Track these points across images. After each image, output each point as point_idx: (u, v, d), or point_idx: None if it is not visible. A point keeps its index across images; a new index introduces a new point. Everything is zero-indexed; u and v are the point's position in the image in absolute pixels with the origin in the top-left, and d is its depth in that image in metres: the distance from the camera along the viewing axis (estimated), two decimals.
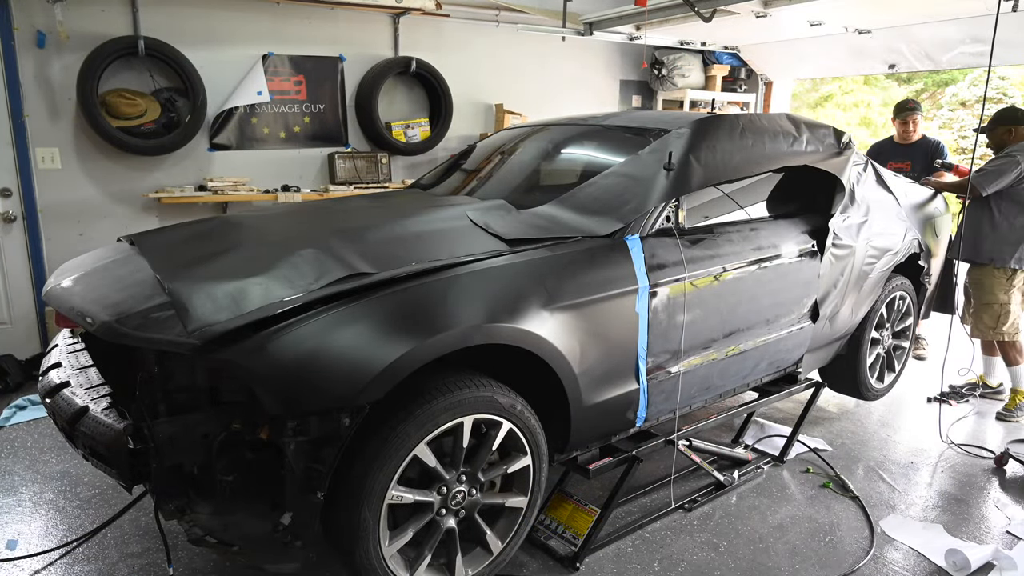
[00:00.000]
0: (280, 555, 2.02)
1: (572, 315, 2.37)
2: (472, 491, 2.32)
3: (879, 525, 2.98)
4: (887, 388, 4.22)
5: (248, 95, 5.04)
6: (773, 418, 4.02)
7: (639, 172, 2.81)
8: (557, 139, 3.56)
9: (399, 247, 2.38)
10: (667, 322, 2.69)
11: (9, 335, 4.59)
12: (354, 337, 1.97)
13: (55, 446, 3.56)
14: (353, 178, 5.46)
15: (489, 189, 3.32)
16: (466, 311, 2.14)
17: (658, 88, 7.02)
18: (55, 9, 4.34)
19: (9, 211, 4.49)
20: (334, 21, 5.38)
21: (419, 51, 5.70)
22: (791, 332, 3.30)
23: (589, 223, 2.64)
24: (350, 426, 1.93)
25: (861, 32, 5.65)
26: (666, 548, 2.79)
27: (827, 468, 3.46)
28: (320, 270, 2.15)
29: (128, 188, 4.85)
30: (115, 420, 2.00)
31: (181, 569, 2.59)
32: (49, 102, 4.52)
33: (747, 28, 5.59)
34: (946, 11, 5.00)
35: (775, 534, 2.91)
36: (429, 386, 2.14)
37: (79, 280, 2.45)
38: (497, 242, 2.47)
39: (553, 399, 2.44)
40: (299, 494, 1.94)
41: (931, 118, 15.33)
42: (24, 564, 2.65)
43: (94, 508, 3.01)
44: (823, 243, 3.34)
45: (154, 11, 4.70)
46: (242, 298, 2.03)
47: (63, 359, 2.43)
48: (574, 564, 2.64)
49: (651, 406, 2.75)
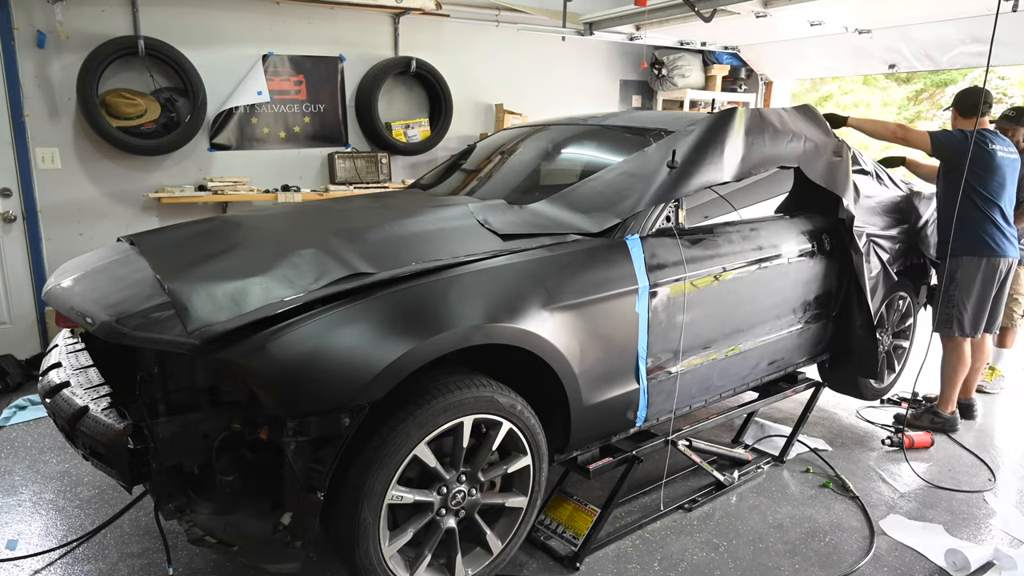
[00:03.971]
0: (280, 555, 2.02)
1: (572, 315, 2.37)
2: (472, 491, 2.32)
3: (879, 525, 2.98)
4: (887, 388, 4.22)
5: (248, 95, 5.04)
6: (773, 418, 4.02)
7: (640, 169, 2.81)
8: (557, 139, 3.56)
9: (399, 247, 2.38)
10: (667, 322, 2.69)
11: (9, 335, 4.59)
12: (354, 337, 1.97)
13: (55, 446, 3.56)
14: (353, 178, 5.46)
15: (489, 189, 3.32)
16: (466, 311, 2.14)
17: (658, 88, 7.02)
18: (55, 9, 4.34)
19: (9, 211, 4.49)
20: (334, 21, 5.39)
21: (419, 51, 5.70)
22: (791, 332, 3.30)
23: (586, 218, 2.64)
24: (350, 426, 1.93)
25: (861, 32, 5.65)
26: (666, 548, 2.79)
27: (827, 468, 3.46)
28: (320, 270, 2.15)
29: (128, 188, 4.85)
30: (115, 420, 1.99)
31: (181, 569, 2.59)
32: (49, 102, 4.52)
33: (747, 28, 5.59)
34: (946, 11, 5.01)
35: (775, 534, 2.91)
36: (429, 386, 2.14)
37: (79, 280, 2.45)
38: (496, 241, 2.47)
39: (553, 399, 2.44)
40: (299, 494, 1.94)
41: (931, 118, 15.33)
42: (24, 564, 2.65)
43: (94, 508, 3.01)
44: (823, 242, 3.34)
45: (154, 11, 4.70)
46: (242, 298, 2.03)
47: (63, 359, 2.43)
48: (574, 564, 2.64)
49: (651, 406, 2.75)
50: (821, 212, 3.44)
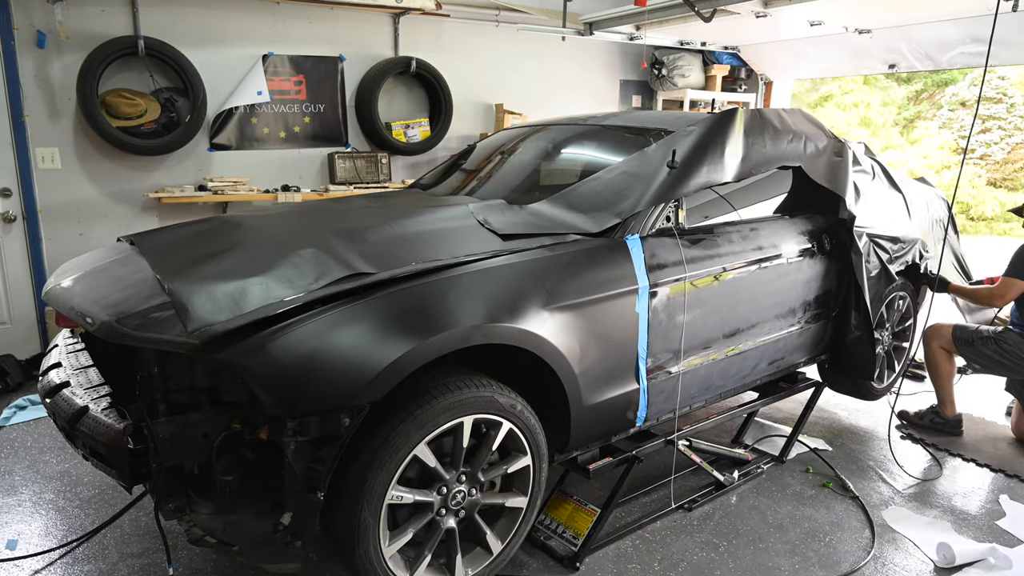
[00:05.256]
0: (280, 555, 2.02)
1: (572, 315, 2.37)
2: (472, 491, 2.32)
3: (880, 515, 2.98)
4: (887, 388, 4.22)
5: (248, 95, 5.04)
6: (773, 418, 4.02)
7: (640, 169, 2.80)
8: (557, 139, 3.56)
9: (399, 247, 2.38)
10: (667, 322, 2.69)
11: (9, 335, 4.59)
12: (354, 337, 1.97)
13: (55, 446, 3.56)
14: (353, 178, 5.46)
15: (489, 189, 3.32)
16: (466, 311, 2.14)
17: (658, 88, 7.02)
18: (55, 9, 4.34)
19: (9, 211, 4.49)
20: (334, 21, 5.39)
21: (419, 51, 5.70)
22: (791, 332, 3.30)
23: (586, 218, 2.64)
24: (350, 426, 1.93)
25: (861, 32, 5.65)
26: (666, 548, 2.79)
27: (827, 468, 3.46)
28: (320, 270, 2.15)
29: (128, 188, 4.85)
30: (115, 420, 2.00)
31: (181, 569, 2.59)
32: (49, 102, 4.52)
33: (747, 28, 5.59)
34: (946, 11, 5.01)
35: (775, 534, 2.91)
36: (429, 386, 2.14)
37: (79, 280, 2.45)
38: (496, 241, 2.47)
39: (553, 399, 2.44)
40: (299, 494, 1.94)
41: (931, 118, 15.34)
42: (24, 564, 2.65)
43: (94, 508, 3.01)
44: (823, 242, 3.34)
45: (154, 11, 4.70)
46: (242, 298, 2.03)
47: (63, 359, 2.43)
48: (574, 564, 2.64)
49: (651, 406, 2.75)
50: (821, 212, 3.44)
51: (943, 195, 4.60)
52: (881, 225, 3.67)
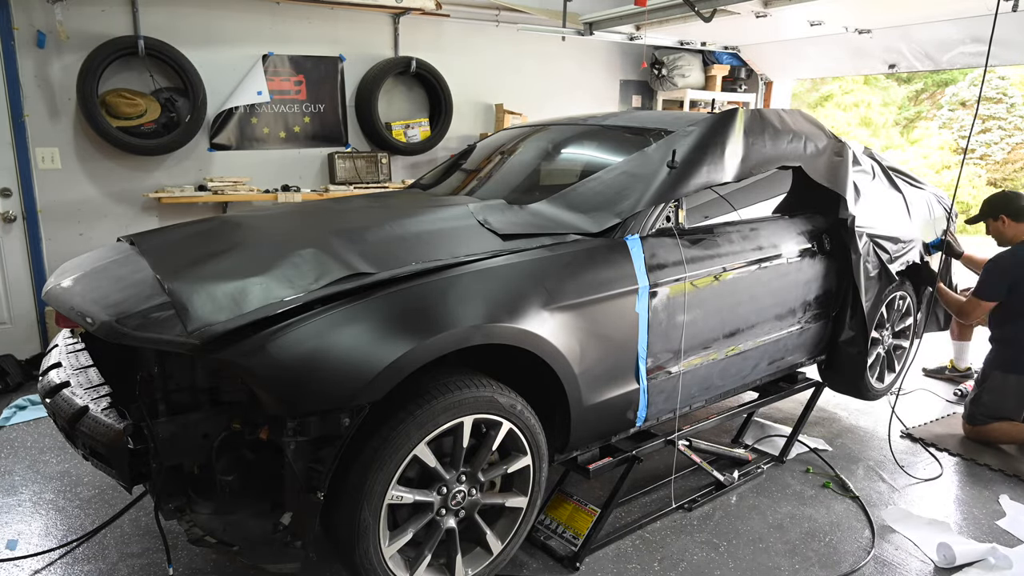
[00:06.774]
0: (280, 555, 2.02)
1: (572, 315, 2.37)
2: (472, 491, 2.32)
3: (880, 515, 2.98)
4: (887, 388, 4.21)
5: (248, 95, 5.04)
6: (773, 418, 4.02)
7: (640, 169, 2.80)
8: (557, 139, 3.56)
9: (399, 247, 2.38)
10: (667, 322, 2.69)
11: (9, 335, 4.59)
12: (354, 337, 1.97)
13: (55, 446, 3.56)
14: (353, 178, 5.46)
15: (489, 189, 3.32)
16: (466, 311, 2.14)
17: (658, 88, 7.02)
18: (55, 9, 4.34)
19: (9, 211, 4.49)
20: (334, 21, 5.39)
21: (419, 51, 5.70)
22: (791, 332, 3.30)
23: (586, 218, 2.64)
24: (350, 426, 1.92)
25: (861, 32, 5.65)
26: (666, 548, 2.79)
27: (827, 468, 3.46)
28: (320, 270, 2.15)
29: (128, 188, 4.85)
30: (115, 420, 2.00)
31: (181, 569, 2.59)
32: (49, 102, 4.52)
33: (747, 28, 5.59)
34: (946, 11, 5.01)
35: (775, 534, 2.91)
36: (429, 386, 2.14)
37: (79, 280, 2.45)
38: (496, 241, 2.47)
39: (553, 399, 2.44)
40: (299, 494, 1.94)
41: (931, 118, 15.34)
42: (24, 564, 2.65)
43: (94, 508, 3.01)
44: (823, 242, 3.33)
45: (154, 11, 4.70)
46: (242, 298, 2.03)
47: (63, 359, 2.43)
48: (574, 564, 2.64)
49: (651, 406, 2.75)
50: (821, 212, 3.44)
51: (944, 194, 4.60)
52: (881, 225, 3.67)
